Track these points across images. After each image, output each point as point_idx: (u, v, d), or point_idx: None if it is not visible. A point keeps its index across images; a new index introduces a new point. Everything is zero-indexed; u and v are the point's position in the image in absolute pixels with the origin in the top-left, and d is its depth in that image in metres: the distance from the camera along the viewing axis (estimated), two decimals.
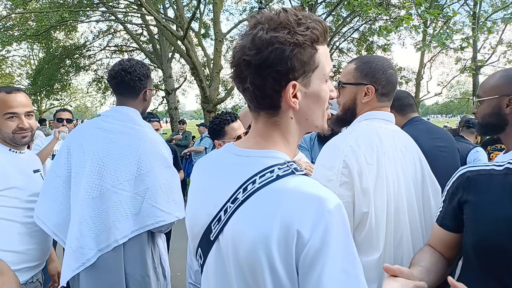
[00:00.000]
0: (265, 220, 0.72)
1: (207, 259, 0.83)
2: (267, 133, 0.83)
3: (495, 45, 15.93)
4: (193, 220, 0.88)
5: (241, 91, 0.82)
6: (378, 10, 7.07)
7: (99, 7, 13.63)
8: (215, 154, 0.94)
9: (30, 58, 24.03)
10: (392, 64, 1.44)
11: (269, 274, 0.72)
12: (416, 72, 17.30)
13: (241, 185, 0.78)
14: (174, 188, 1.64)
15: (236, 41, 0.83)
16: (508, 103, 1.30)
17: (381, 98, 1.39)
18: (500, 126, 1.36)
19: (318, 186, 0.75)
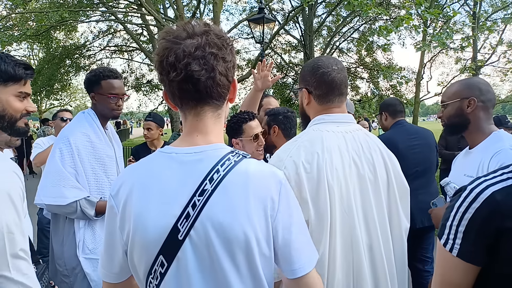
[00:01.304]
0: (242, 200, 0.84)
1: (174, 261, 0.84)
2: (210, 129, 0.90)
3: (495, 45, 15.93)
4: (144, 232, 0.84)
5: (192, 85, 0.85)
6: (378, 10, 7.07)
7: (99, 7, 13.63)
8: (149, 161, 0.91)
9: (30, 58, 24.02)
10: (332, 62, 1.35)
11: (255, 243, 0.84)
12: (416, 72, 17.30)
13: (205, 177, 0.84)
14: (47, 176, 1.88)
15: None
16: (468, 104, 1.58)
17: (319, 100, 1.36)
18: (463, 125, 1.63)
19: (267, 164, 0.94)
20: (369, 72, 18.24)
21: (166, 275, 0.85)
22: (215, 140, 0.91)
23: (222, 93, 0.89)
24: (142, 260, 0.87)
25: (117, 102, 2.03)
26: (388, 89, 18.27)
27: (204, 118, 0.90)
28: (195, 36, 0.84)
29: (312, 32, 15.01)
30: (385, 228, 1.31)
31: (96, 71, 2.04)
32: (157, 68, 0.87)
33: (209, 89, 0.86)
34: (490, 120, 1.61)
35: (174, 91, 0.86)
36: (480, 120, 1.59)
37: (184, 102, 0.89)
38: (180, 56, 0.82)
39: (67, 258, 1.92)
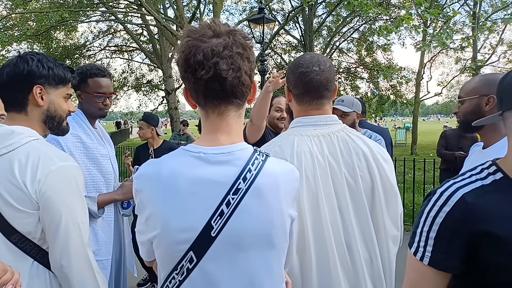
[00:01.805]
0: (274, 198, 0.89)
1: (204, 257, 0.86)
2: (233, 128, 0.93)
3: (495, 45, 15.93)
4: (176, 229, 0.86)
5: (219, 84, 0.86)
6: (378, 10, 7.08)
7: (99, 7, 13.62)
8: (175, 159, 0.91)
9: None
10: (314, 62, 1.28)
11: (283, 240, 0.93)
12: (416, 72, 17.29)
13: (238, 176, 0.87)
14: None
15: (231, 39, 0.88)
16: (487, 102, 1.50)
17: (297, 100, 1.33)
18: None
19: (285, 162, 1.00)
20: (369, 72, 18.24)
21: (193, 271, 0.87)
22: (238, 139, 0.93)
23: (245, 93, 0.92)
24: (170, 256, 0.88)
25: (104, 101, 1.97)
26: (388, 89, 18.27)
27: (227, 117, 0.92)
28: (222, 35, 0.86)
29: (312, 32, 15.01)
30: (369, 234, 1.25)
31: (83, 69, 1.95)
32: (182, 65, 0.87)
33: (234, 88, 0.88)
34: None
35: (199, 89, 0.88)
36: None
37: (209, 101, 0.90)
38: (208, 55, 0.83)
39: None
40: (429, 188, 7.46)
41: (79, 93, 1.95)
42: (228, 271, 0.87)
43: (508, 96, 0.91)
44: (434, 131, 6.84)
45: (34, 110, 1.25)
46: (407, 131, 22.84)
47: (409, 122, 32.98)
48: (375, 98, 18.79)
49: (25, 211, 1.12)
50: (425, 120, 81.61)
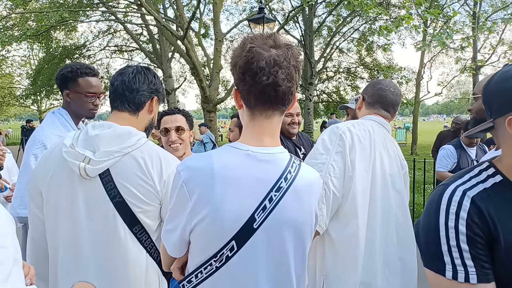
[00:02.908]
0: (308, 199, 1.02)
1: (244, 246, 0.94)
2: (276, 132, 1.03)
3: (495, 45, 15.93)
4: (222, 219, 0.93)
5: (274, 90, 0.95)
6: (378, 10, 7.07)
7: (99, 7, 13.61)
8: (223, 154, 0.99)
9: (30, 58, 24.03)
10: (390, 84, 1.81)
11: (311, 237, 1.06)
12: (416, 72, 17.29)
13: (280, 176, 0.97)
14: (21, 185, 1.75)
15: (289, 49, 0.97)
16: None
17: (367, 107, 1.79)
18: None
19: (313, 168, 1.11)
20: (369, 72, 18.23)
21: (232, 259, 0.94)
22: (278, 143, 1.04)
23: (290, 101, 1.01)
24: (212, 243, 0.95)
25: (94, 101, 1.91)
26: None
27: (273, 121, 1.01)
28: (281, 47, 0.95)
29: (312, 32, 15.00)
30: (406, 208, 1.67)
31: (73, 67, 1.87)
32: (242, 67, 0.94)
33: (285, 96, 0.97)
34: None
35: (254, 92, 0.95)
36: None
37: (260, 104, 0.98)
38: (270, 63, 0.92)
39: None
40: (429, 188, 7.45)
41: (67, 92, 1.88)
42: (263, 261, 0.96)
43: (496, 104, 0.89)
44: (434, 131, 6.91)
45: (145, 116, 1.39)
46: (407, 131, 22.84)
47: (409, 122, 32.96)
48: None
49: (151, 204, 1.26)
50: (425, 120, 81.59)
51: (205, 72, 14.03)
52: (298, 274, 1.03)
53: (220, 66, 11.21)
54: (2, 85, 23.97)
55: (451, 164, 4.22)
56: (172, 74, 14.66)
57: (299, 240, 1.01)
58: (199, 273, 0.97)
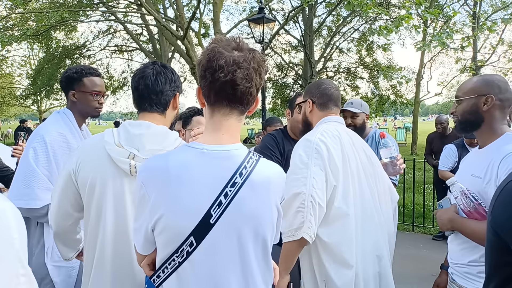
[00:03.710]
0: (265, 193, 1.04)
1: (203, 242, 0.98)
2: (234, 130, 1.06)
3: (495, 45, 15.92)
4: (178, 216, 0.97)
5: (232, 88, 0.99)
6: (378, 10, 7.07)
7: (99, 7, 13.61)
8: (180, 154, 1.03)
9: (30, 58, 24.02)
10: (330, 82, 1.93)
11: (272, 231, 1.07)
12: (416, 72, 17.28)
13: (235, 171, 0.99)
14: (18, 176, 1.77)
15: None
16: (485, 102, 1.50)
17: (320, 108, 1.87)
18: (477, 123, 1.55)
19: (274, 163, 1.13)
20: (369, 72, 18.22)
21: (193, 254, 0.98)
22: (236, 140, 1.06)
23: (249, 102, 1.05)
24: (172, 240, 0.99)
25: (99, 100, 1.98)
26: (388, 89, 18.25)
27: (230, 119, 1.05)
28: (243, 50, 1.00)
29: (312, 32, 15.00)
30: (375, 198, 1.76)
31: (77, 68, 1.95)
32: (203, 65, 1.00)
33: (243, 95, 1.01)
34: (504, 121, 1.54)
35: (213, 88, 1.00)
36: (495, 120, 1.51)
37: (218, 101, 1.02)
38: (229, 62, 0.97)
39: (35, 267, 1.77)
40: (429, 188, 7.46)
41: (73, 92, 1.93)
42: (223, 255, 0.99)
43: None
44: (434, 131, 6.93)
45: (171, 113, 1.46)
46: (407, 131, 22.84)
47: (409, 122, 32.94)
48: (375, 98, 18.78)
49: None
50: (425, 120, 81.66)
51: None
52: (262, 267, 1.06)
53: None
54: (2, 85, 23.95)
55: (452, 163, 4.24)
56: None
57: (259, 235, 1.03)
58: (165, 268, 1.02)
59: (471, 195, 1.44)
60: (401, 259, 4.54)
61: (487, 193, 1.41)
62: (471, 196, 1.44)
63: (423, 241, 5.25)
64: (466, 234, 1.46)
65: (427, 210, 5.92)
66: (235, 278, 1.01)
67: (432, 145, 5.46)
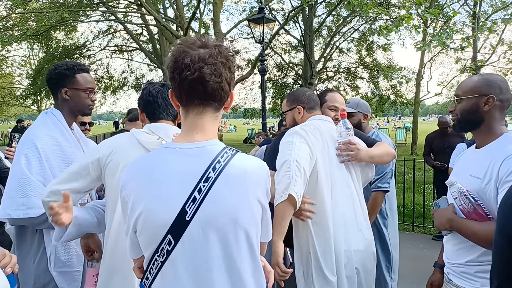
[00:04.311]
0: (241, 186, 1.01)
1: (181, 239, 0.97)
2: (208, 128, 1.04)
3: (495, 45, 15.92)
4: (155, 215, 0.98)
5: (202, 85, 0.99)
6: (378, 10, 7.07)
7: (99, 7, 13.61)
8: (155, 155, 1.04)
9: (30, 58, 24.02)
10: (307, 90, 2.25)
11: (254, 224, 1.04)
12: (416, 72, 17.28)
13: (208, 166, 0.98)
14: (12, 186, 1.69)
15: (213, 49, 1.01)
16: (486, 102, 1.49)
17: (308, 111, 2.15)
18: (476, 123, 1.54)
19: (255, 158, 1.11)
20: (369, 72, 18.22)
21: (173, 252, 0.97)
22: (212, 137, 1.05)
23: (223, 98, 1.04)
24: (151, 239, 0.99)
25: (92, 97, 1.90)
26: (388, 89, 18.26)
27: (204, 117, 1.03)
28: (209, 46, 0.99)
29: (312, 32, 15.00)
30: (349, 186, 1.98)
31: (69, 64, 1.86)
32: (171, 67, 1.00)
33: (215, 91, 1.00)
34: (503, 121, 1.53)
35: (183, 88, 0.99)
36: (494, 120, 1.51)
37: (190, 100, 1.01)
38: (195, 59, 0.96)
39: (37, 275, 1.74)
40: (429, 188, 7.46)
41: (65, 90, 1.84)
42: (203, 252, 0.98)
43: None
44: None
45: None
46: (407, 131, 22.84)
47: (409, 122, 32.95)
48: (375, 98, 18.78)
49: None
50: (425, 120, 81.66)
51: None
52: (250, 266, 1.03)
53: None
54: (2, 85, 23.96)
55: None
56: None
57: (239, 229, 1.00)
58: (150, 269, 1.02)
59: (470, 195, 1.44)
60: (401, 259, 4.55)
61: (486, 194, 1.40)
62: (470, 196, 1.43)
63: (423, 241, 5.26)
64: (466, 234, 1.45)
65: (427, 210, 5.92)
66: (219, 275, 0.98)
67: (432, 145, 5.43)
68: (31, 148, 1.69)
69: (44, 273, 1.75)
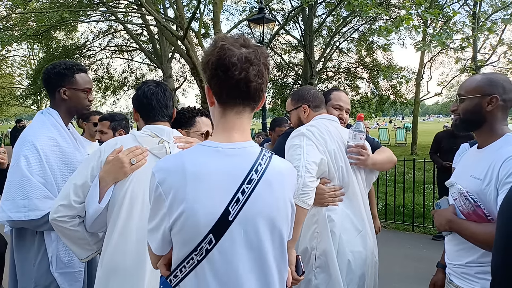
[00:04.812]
0: (280, 189, 1.05)
1: (222, 239, 0.98)
2: (246, 128, 1.07)
3: (495, 45, 15.92)
4: (197, 214, 0.97)
5: (246, 86, 0.99)
6: (378, 10, 7.07)
7: (99, 7, 13.61)
8: (194, 153, 1.03)
9: (30, 58, 24.03)
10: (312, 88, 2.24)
11: (288, 225, 1.10)
12: (416, 72, 17.28)
13: (251, 168, 1.00)
14: (12, 188, 1.66)
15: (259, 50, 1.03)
16: (489, 102, 1.47)
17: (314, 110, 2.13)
18: (478, 123, 1.52)
19: (286, 160, 1.18)
20: (369, 72, 18.23)
21: (212, 251, 0.98)
22: (248, 138, 1.07)
23: (260, 98, 1.05)
24: (190, 238, 0.99)
25: (90, 97, 1.90)
26: (388, 89, 18.26)
27: (243, 117, 1.05)
28: (250, 46, 1.00)
29: (312, 32, 15.00)
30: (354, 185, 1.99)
31: (67, 64, 1.85)
32: (214, 63, 0.98)
33: (256, 92, 1.02)
34: (505, 121, 1.51)
35: (226, 87, 1.00)
36: (497, 120, 1.49)
37: (231, 99, 1.02)
38: (241, 59, 0.97)
39: (38, 277, 1.73)
40: (429, 188, 7.46)
41: (64, 90, 1.82)
42: (241, 252, 1.00)
43: None
44: (434, 131, 6.98)
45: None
46: (407, 131, 22.84)
47: (409, 122, 32.94)
48: (375, 98, 18.78)
49: None
50: (425, 120, 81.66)
51: None
52: (278, 263, 1.06)
53: None
54: (2, 85, 23.97)
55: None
56: (172, 74, 14.67)
57: (275, 229, 1.04)
58: (183, 267, 1.01)
59: (470, 196, 1.43)
60: (401, 259, 4.55)
61: (487, 195, 1.39)
62: (470, 198, 1.43)
63: (423, 241, 5.25)
64: (465, 235, 1.45)
65: (427, 210, 5.92)
66: (253, 275, 1.01)
67: (441, 144, 5.34)
68: (31, 149, 1.67)
69: (46, 275, 1.73)
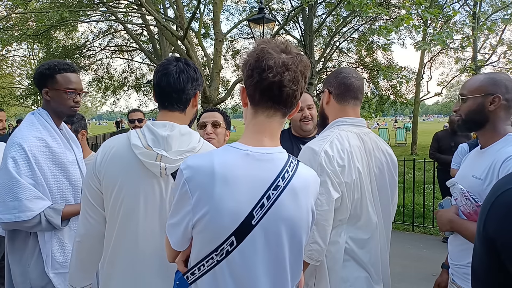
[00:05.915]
0: (304, 197, 1.05)
1: (243, 242, 0.99)
2: (276, 133, 1.07)
3: (495, 45, 15.92)
4: (221, 216, 0.98)
5: (279, 90, 1.00)
6: (378, 10, 7.07)
7: (99, 7, 13.61)
8: (224, 154, 1.03)
9: (30, 58, 24.00)
10: (351, 71, 1.71)
11: (307, 234, 1.09)
12: (416, 72, 17.28)
13: (278, 175, 1.01)
14: (1, 190, 1.64)
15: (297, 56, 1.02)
16: (492, 101, 1.46)
17: (338, 100, 1.67)
18: (481, 123, 1.52)
19: (310, 168, 1.15)
20: (369, 72, 18.22)
21: (232, 253, 0.99)
22: (277, 144, 1.08)
23: (293, 105, 1.06)
24: (212, 238, 1.00)
25: (75, 98, 1.85)
26: (388, 89, 18.26)
27: (273, 121, 1.06)
28: (291, 53, 1.01)
29: (312, 32, 14.99)
30: (388, 211, 1.68)
31: (50, 64, 1.82)
32: (251, 65, 1.01)
33: (288, 98, 1.02)
34: (508, 121, 1.50)
35: (259, 88, 1.01)
36: (499, 120, 1.48)
37: (263, 101, 1.03)
38: (278, 63, 0.98)
39: (34, 279, 1.72)
40: (429, 188, 7.46)
41: (46, 90, 1.82)
42: (260, 256, 1.01)
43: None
44: (434, 131, 6.97)
45: (190, 111, 1.43)
46: (407, 131, 22.84)
47: (409, 122, 32.94)
48: (375, 98, 18.78)
49: None
50: (425, 120, 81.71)
51: (205, 72, 14.02)
52: (293, 269, 1.07)
53: (220, 66, 11.20)
54: (2, 85, 23.93)
55: (461, 162, 4.23)
56: None
57: (295, 237, 1.05)
58: (201, 266, 1.02)
59: (471, 196, 1.43)
60: (401, 259, 4.55)
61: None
62: (471, 198, 1.43)
63: (423, 241, 5.26)
64: (466, 236, 1.45)
65: (427, 210, 5.92)
66: (268, 279, 1.02)
67: (440, 143, 5.40)
68: (18, 151, 1.66)
69: (41, 276, 1.73)
